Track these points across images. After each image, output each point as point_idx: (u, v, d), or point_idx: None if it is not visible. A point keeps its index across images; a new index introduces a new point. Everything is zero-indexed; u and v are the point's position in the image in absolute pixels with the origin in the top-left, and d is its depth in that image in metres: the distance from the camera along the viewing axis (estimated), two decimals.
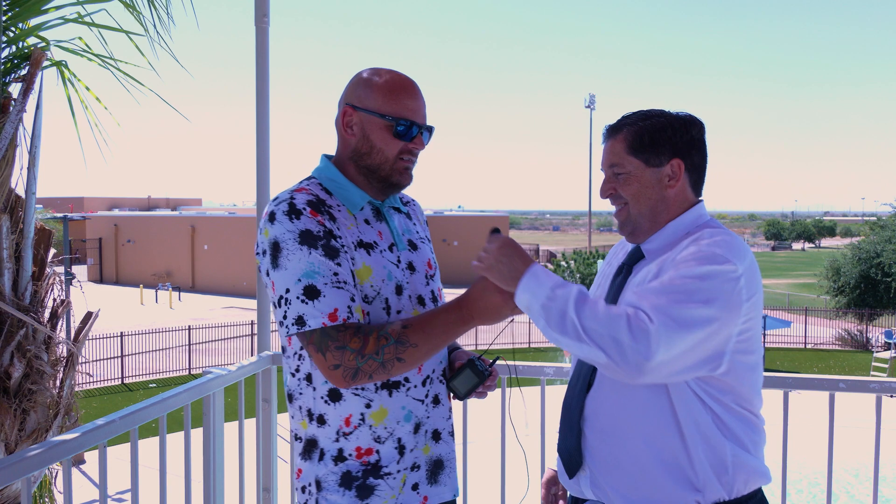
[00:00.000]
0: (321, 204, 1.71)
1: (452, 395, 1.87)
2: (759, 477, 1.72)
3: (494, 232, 1.73)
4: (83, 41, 3.18)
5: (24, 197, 2.94)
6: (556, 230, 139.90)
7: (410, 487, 1.77)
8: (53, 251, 3.14)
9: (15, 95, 2.92)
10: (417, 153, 1.80)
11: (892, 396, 2.73)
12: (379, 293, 1.72)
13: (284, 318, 1.64)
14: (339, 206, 1.75)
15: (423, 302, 1.82)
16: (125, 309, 30.04)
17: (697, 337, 1.53)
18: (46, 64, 3.01)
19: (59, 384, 3.04)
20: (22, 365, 2.82)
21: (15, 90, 2.95)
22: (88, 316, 3.24)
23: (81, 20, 3.11)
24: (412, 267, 1.82)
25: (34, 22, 3.09)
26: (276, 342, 2.70)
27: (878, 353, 21.96)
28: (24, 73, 2.94)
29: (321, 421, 1.74)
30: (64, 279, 3.34)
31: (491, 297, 1.67)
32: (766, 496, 1.80)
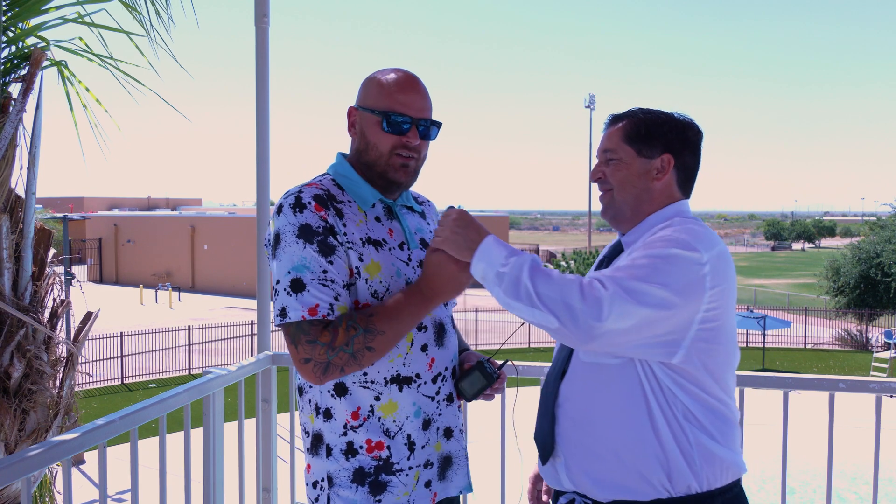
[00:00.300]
0: (330, 199, 1.72)
1: (460, 396, 1.87)
2: (731, 468, 1.72)
3: (451, 207, 1.77)
4: (83, 41, 3.19)
5: (23, 197, 2.94)
6: (555, 230, 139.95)
7: (423, 485, 1.78)
8: (53, 251, 3.14)
9: (15, 95, 2.92)
10: (416, 148, 1.78)
11: (891, 396, 2.74)
12: (389, 289, 1.73)
13: (274, 308, 1.69)
14: (349, 201, 1.76)
15: None
16: (125, 309, 30.04)
17: (651, 315, 1.55)
18: (46, 64, 3.01)
19: (58, 384, 3.04)
20: (22, 365, 2.82)
21: (15, 90, 2.95)
22: (88, 316, 3.24)
23: (81, 20, 3.11)
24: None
25: (34, 22, 3.09)
26: (275, 342, 2.71)
27: (877, 353, 21.96)
28: (23, 73, 2.94)
29: (327, 415, 1.75)
30: (64, 279, 3.34)
31: (446, 268, 1.69)
32: (744, 490, 1.80)
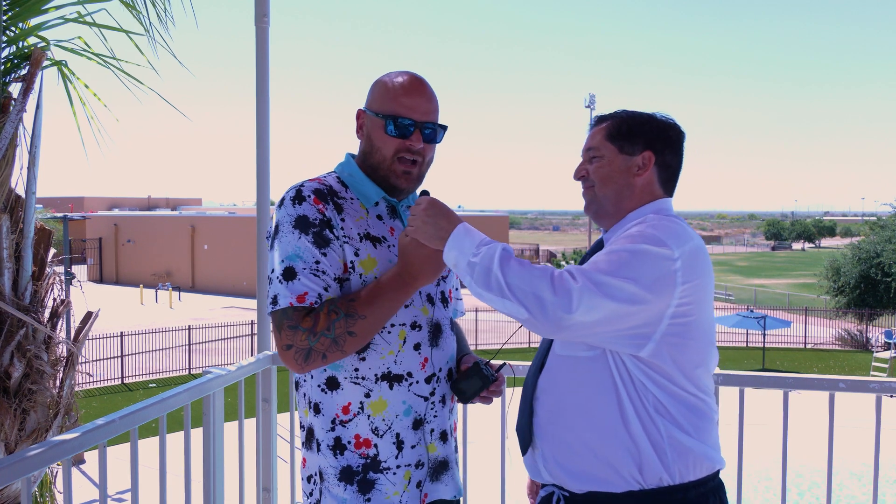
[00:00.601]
0: (332, 194, 1.75)
1: (457, 398, 1.87)
2: (704, 462, 1.72)
3: (423, 194, 1.78)
4: (83, 41, 3.18)
5: (24, 197, 2.94)
6: (556, 230, 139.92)
7: (415, 485, 1.78)
8: (53, 251, 3.14)
9: (15, 95, 2.92)
10: (419, 152, 1.78)
11: (891, 396, 2.74)
12: None
13: (268, 296, 1.70)
14: (352, 198, 1.79)
15: (431, 300, 1.84)
16: (125, 309, 30.04)
17: (619, 309, 1.57)
18: (46, 63, 3.01)
19: (58, 384, 3.04)
20: (22, 365, 2.82)
21: (15, 90, 2.95)
22: (88, 316, 3.24)
23: (82, 20, 3.11)
24: None
25: (34, 21, 3.09)
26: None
27: (877, 353, 21.95)
28: (24, 72, 2.94)
29: (317, 410, 1.77)
30: (64, 279, 3.34)
31: (422, 250, 1.70)
32: (723, 485, 1.80)
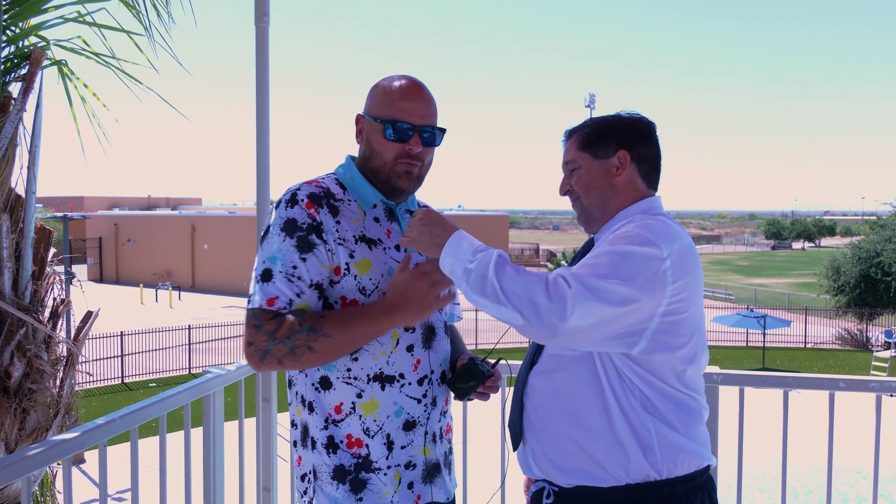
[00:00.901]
0: (328, 196, 1.75)
1: (454, 395, 1.87)
2: (692, 457, 1.73)
3: (421, 207, 1.82)
4: (83, 40, 3.18)
5: (24, 196, 2.94)
6: (556, 229, 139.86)
7: (406, 486, 1.78)
8: (53, 250, 3.14)
9: (15, 95, 2.92)
10: (419, 155, 1.79)
11: (891, 396, 2.73)
12: (378, 287, 1.75)
13: None
14: (349, 200, 1.79)
15: None
16: (125, 308, 30.04)
17: (613, 312, 1.59)
18: (46, 63, 3.01)
19: (59, 383, 3.04)
20: (22, 364, 2.82)
21: (15, 89, 2.94)
22: (88, 315, 3.24)
23: (81, 19, 3.11)
24: None
25: (34, 21, 3.09)
26: None
27: (877, 352, 21.95)
28: (24, 72, 2.94)
29: (311, 408, 1.78)
30: (64, 278, 3.34)
31: (414, 282, 1.68)
32: (713, 481, 1.82)
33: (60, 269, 3.35)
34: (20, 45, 3.07)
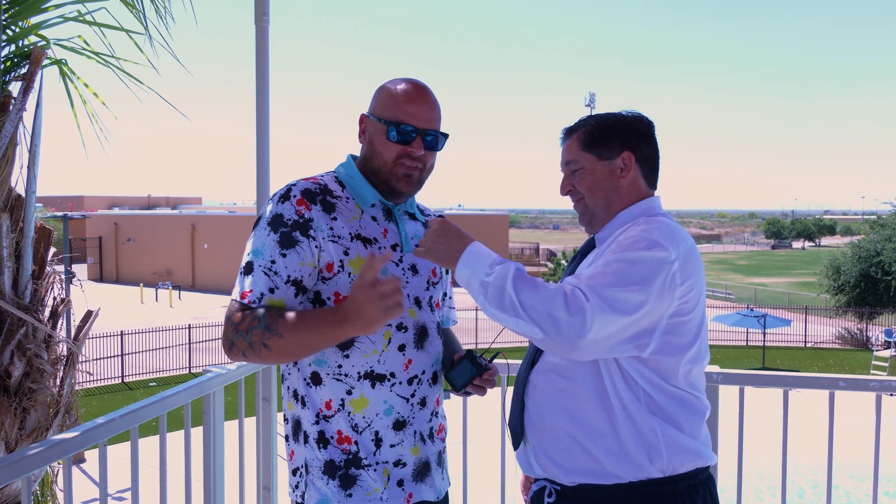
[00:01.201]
0: (325, 193, 1.77)
1: (451, 388, 1.87)
2: (694, 456, 1.74)
3: (436, 217, 1.81)
4: (83, 39, 3.18)
5: (24, 196, 2.94)
6: (556, 229, 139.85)
7: (396, 483, 1.79)
8: (53, 250, 3.14)
9: (15, 94, 2.92)
10: (421, 158, 1.80)
11: (892, 395, 2.74)
12: None
13: None
14: (347, 198, 1.81)
15: (419, 304, 1.85)
16: (125, 307, 30.04)
17: (629, 319, 1.60)
18: (46, 62, 3.00)
19: (59, 383, 3.04)
20: (22, 364, 2.82)
21: (15, 89, 2.94)
22: (88, 314, 3.24)
23: (82, 18, 3.11)
24: (415, 269, 1.86)
25: (34, 20, 3.09)
26: None
27: (878, 351, 21.95)
28: (24, 71, 2.94)
29: (303, 403, 1.79)
30: (64, 278, 3.34)
31: (358, 295, 1.54)
32: (713, 479, 1.82)
33: (60, 268, 3.35)
34: (20, 44, 3.07)
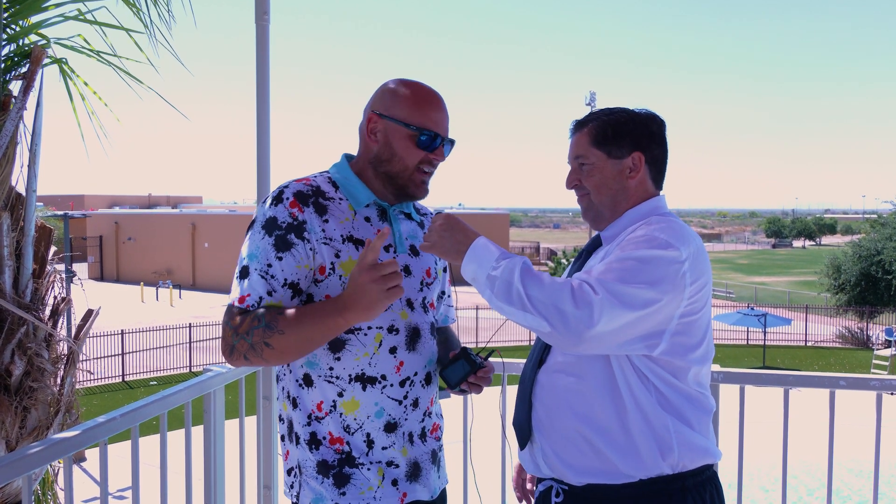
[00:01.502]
0: (318, 195, 1.75)
1: (446, 386, 1.86)
2: (704, 454, 1.75)
3: (437, 213, 1.80)
4: (83, 38, 3.18)
5: (24, 195, 2.94)
6: (556, 228, 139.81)
7: (390, 483, 1.79)
8: (54, 249, 3.14)
9: (15, 93, 2.92)
10: (437, 165, 1.82)
11: (892, 394, 2.74)
12: None
13: None
14: (341, 199, 1.79)
15: (411, 305, 1.84)
16: (126, 306, 30.05)
17: (638, 315, 1.60)
18: (47, 61, 3.00)
19: (59, 382, 3.04)
20: (23, 363, 2.82)
21: (15, 88, 2.94)
22: (89, 313, 3.24)
23: (82, 17, 3.11)
24: (408, 271, 1.84)
25: (34, 19, 3.09)
26: None
27: (878, 350, 21.95)
28: (24, 70, 2.94)
29: (295, 404, 1.79)
30: (65, 277, 3.34)
31: (358, 278, 1.59)
32: (717, 476, 1.83)
33: (61, 267, 3.35)
34: (20, 43, 3.07)
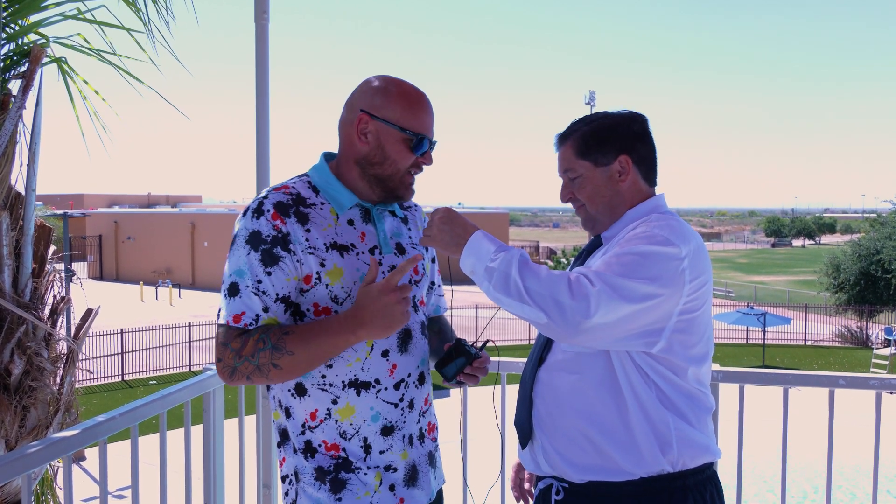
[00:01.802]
0: (297, 203, 1.71)
1: (443, 378, 1.85)
2: (704, 452, 1.76)
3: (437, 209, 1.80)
4: (83, 37, 3.18)
5: (24, 194, 2.94)
6: (556, 227, 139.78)
7: (388, 488, 1.76)
8: (53, 248, 3.14)
9: (15, 92, 2.92)
10: (423, 168, 1.81)
11: (891, 393, 2.75)
12: (350, 295, 1.71)
13: None
14: (322, 203, 1.75)
15: None
16: (125, 306, 30.04)
17: (635, 308, 1.60)
18: (46, 60, 3.00)
19: (59, 381, 3.04)
20: (22, 362, 2.82)
21: (15, 87, 2.94)
22: (88, 313, 3.24)
23: (81, 16, 3.11)
24: None
25: (34, 18, 3.09)
26: None
27: (877, 349, 21.96)
28: (23, 69, 2.94)
29: (288, 413, 1.77)
30: (64, 276, 3.34)
31: (382, 297, 1.60)
32: (717, 475, 1.84)
33: (60, 266, 3.35)
34: (20, 42, 3.07)
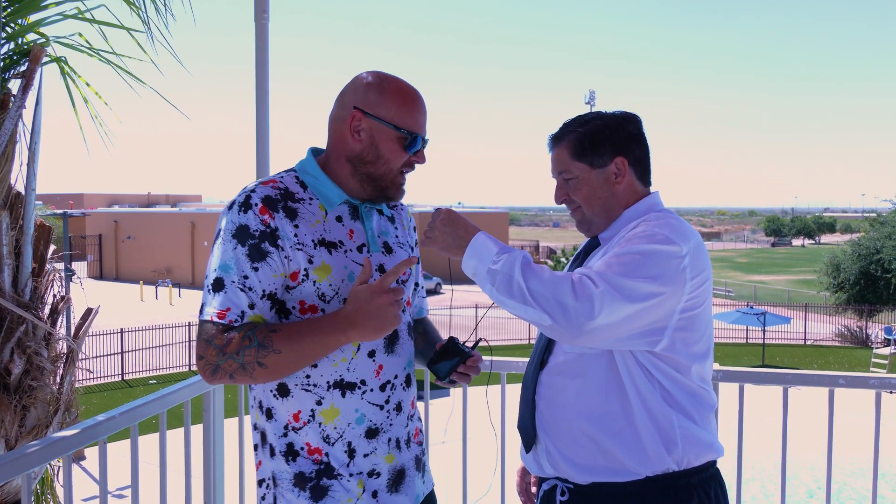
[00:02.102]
0: (286, 198, 1.67)
1: (436, 377, 1.83)
2: (708, 450, 1.76)
3: (437, 209, 1.79)
4: (83, 37, 3.18)
5: (23, 193, 2.94)
6: (556, 226, 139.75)
7: (371, 495, 1.72)
8: (53, 247, 3.14)
9: (14, 91, 2.92)
10: (415, 167, 1.79)
11: (891, 393, 2.75)
12: (338, 293, 1.68)
13: None
14: (311, 199, 1.71)
15: None
16: (125, 305, 30.05)
17: (638, 308, 1.60)
18: (46, 60, 3.00)
19: (59, 380, 3.04)
20: (22, 361, 2.82)
21: (14, 86, 2.94)
22: (88, 312, 3.24)
23: (81, 16, 3.10)
24: (382, 270, 1.76)
25: (34, 18, 3.09)
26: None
27: (877, 349, 21.97)
28: (23, 69, 2.94)
29: (269, 415, 1.72)
30: (64, 275, 3.34)
31: (375, 298, 1.55)
32: (720, 473, 1.83)
33: (60, 266, 3.35)
34: (19, 41, 3.06)
